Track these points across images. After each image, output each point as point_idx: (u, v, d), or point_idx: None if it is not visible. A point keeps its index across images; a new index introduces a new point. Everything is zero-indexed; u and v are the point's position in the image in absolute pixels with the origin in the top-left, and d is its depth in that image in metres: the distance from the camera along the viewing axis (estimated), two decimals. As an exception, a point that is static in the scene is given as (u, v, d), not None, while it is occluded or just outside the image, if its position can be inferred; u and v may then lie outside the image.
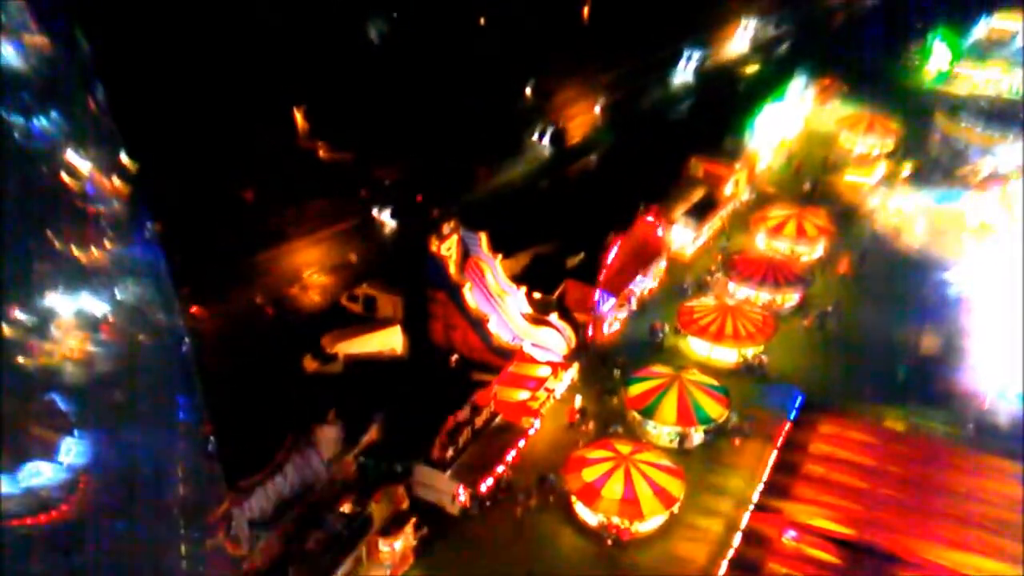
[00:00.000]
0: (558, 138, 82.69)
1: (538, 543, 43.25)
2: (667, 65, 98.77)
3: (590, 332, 56.00)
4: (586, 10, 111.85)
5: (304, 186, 71.84)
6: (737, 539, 42.96)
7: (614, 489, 43.05)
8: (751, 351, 55.51)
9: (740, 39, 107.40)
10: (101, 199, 34.41)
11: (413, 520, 41.57)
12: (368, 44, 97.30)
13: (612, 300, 56.86)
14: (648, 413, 48.88)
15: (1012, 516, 43.77)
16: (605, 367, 54.13)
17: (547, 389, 50.65)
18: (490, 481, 44.94)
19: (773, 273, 61.13)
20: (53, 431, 33.15)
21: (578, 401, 51.61)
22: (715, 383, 50.64)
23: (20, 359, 32.35)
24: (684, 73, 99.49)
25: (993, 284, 58.35)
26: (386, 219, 67.22)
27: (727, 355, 55.67)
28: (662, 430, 48.88)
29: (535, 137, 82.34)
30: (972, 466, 47.14)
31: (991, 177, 75.24)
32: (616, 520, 42.84)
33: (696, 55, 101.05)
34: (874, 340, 56.69)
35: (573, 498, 44.14)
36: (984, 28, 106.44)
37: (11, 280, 31.79)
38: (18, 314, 32.54)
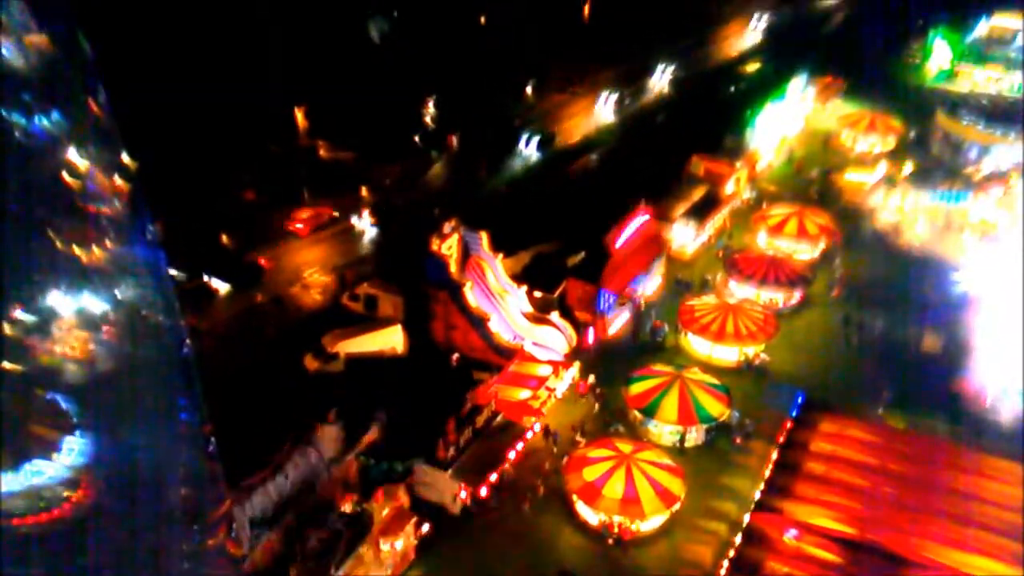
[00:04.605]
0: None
1: (539, 543, 43.25)
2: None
3: (591, 334, 55.95)
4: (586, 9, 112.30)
5: (305, 185, 72.13)
6: (738, 538, 42.96)
7: (615, 488, 43.05)
8: (752, 350, 55.49)
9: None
10: (102, 199, 34.40)
11: (414, 519, 41.60)
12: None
13: (614, 298, 56.84)
14: (649, 412, 48.88)
15: (1013, 516, 43.69)
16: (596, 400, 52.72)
17: (548, 388, 50.63)
18: (492, 479, 44.97)
19: (774, 272, 61.12)
20: (54, 430, 33.18)
21: (591, 379, 52.38)
22: (716, 382, 50.66)
23: (21, 358, 32.36)
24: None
25: (994, 283, 58.28)
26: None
27: (728, 354, 55.65)
28: (663, 429, 48.88)
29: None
30: (973, 465, 47.04)
31: (992, 175, 75.23)
32: (617, 519, 42.86)
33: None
34: (875, 338, 56.81)
35: (574, 497, 44.14)
36: (984, 26, 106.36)
37: (12, 279, 31.79)
38: (19, 313, 32.55)
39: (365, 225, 68.13)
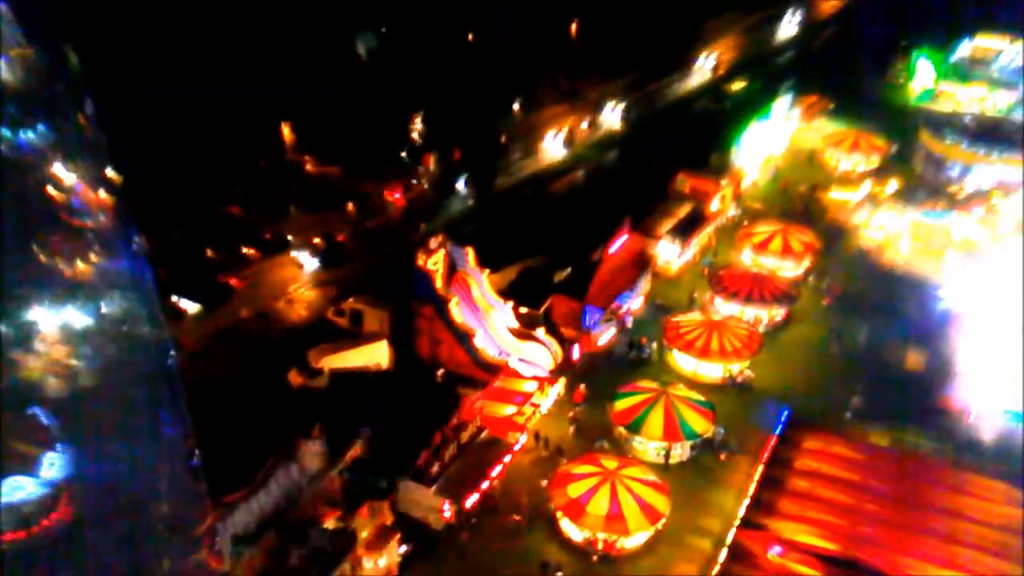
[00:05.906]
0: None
1: (523, 559, 43.07)
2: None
3: (577, 350, 55.99)
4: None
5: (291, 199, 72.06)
6: (723, 555, 42.95)
7: (600, 505, 42.97)
8: (737, 367, 55.64)
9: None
10: (87, 212, 34.42)
11: (397, 536, 41.44)
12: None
13: (599, 315, 56.92)
14: (634, 428, 48.88)
15: (995, 534, 43.95)
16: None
17: (533, 404, 50.62)
18: (475, 496, 44.85)
19: (759, 289, 61.35)
20: (35, 446, 32.99)
21: (583, 387, 52.77)
22: (701, 398, 50.73)
23: (3, 373, 32.21)
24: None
25: (977, 300, 58.69)
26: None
27: (713, 370, 55.78)
28: (648, 445, 48.90)
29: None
30: (957, 483, 47.29)
31: (974, 194, 75.92)
32: (602, 536, 42.79)
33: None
34: (858, 355, 57.17)
35: (559, 514, 44.07)
36: (967, 47, 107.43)
37: (-5, 292, 31.71)
38: (1, 327, 32.42)
39: (306, 258, 65.78)
